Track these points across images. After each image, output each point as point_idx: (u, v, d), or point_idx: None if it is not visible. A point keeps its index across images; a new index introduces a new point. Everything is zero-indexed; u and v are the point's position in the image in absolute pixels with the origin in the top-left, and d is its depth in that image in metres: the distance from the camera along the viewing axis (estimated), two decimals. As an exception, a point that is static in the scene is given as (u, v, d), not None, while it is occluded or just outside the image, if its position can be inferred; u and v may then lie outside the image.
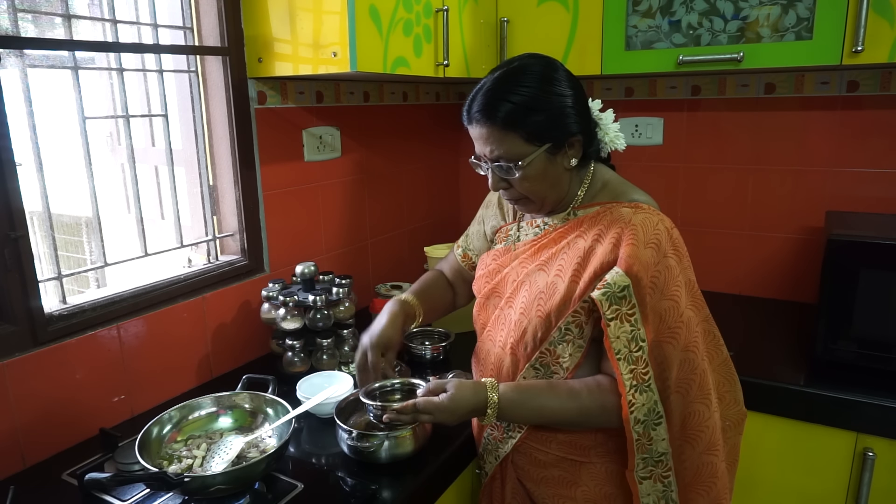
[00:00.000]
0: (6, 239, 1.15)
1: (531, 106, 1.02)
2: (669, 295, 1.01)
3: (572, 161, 1.09)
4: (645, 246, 1.01)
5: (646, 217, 1.04)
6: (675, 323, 1.01)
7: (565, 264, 1.08)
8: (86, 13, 1.40)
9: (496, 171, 1.09)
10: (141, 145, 1.66)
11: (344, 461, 1.20)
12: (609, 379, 1.05)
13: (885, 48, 1.47)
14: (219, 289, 1.54)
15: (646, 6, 1.70)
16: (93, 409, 1.30)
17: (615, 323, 1.01)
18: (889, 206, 1.84)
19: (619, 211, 1.06)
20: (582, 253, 1.06)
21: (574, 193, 1.14)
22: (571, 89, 1.06)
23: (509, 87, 1.03)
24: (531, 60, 1.07)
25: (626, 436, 1.03)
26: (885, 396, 1.39)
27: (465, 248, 1.39)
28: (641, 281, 1.00)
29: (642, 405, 1.01)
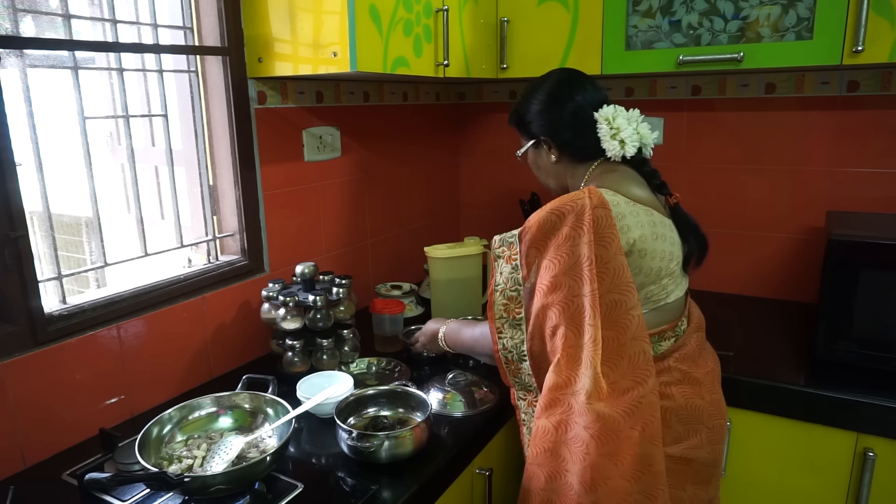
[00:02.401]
0: (6, 239, 1.15)
1: (514, 110, 1.39)
2: (551, 257, 1.15)
3: (552, 157, 1.34)
4: (549, 210, 1.16)
5: (573, 196, 1.16)
6: (547, 281, 1.14)
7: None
8: (86, 13, 1.40)
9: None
10: (141, 145, 1.67)
11: (344, 461, 1.20)
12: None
13: (886, 48, 1.47)
14: (219, 289, 1.54)
15: (646, 6, 1.70)
16: (93, 409, 1.30)
17: (500, 261, 1.23)
18: (889, 206, 1.84)
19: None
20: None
21: (576, 187, 1.32)
22: (548, 99, 1.30)
23: (520, 96, 1.38)
24: (546, 74, 1.36)
25: (495, 359, 1.25)
26: (885, 396, 1.39)
27: None
28: (528, 233, 1.17)
29: (510, 338, 1.22)
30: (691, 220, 1.28)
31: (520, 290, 1.20)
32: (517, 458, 1.62)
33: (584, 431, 1.09)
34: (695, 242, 1.27)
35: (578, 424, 1.10)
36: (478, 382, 1.46)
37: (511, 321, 1.21)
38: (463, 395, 1.41)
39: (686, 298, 1.29)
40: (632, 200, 1.18)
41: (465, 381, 1.44)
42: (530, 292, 1.18)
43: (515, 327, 1.21)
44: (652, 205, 1.21)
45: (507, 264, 1.22)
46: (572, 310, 1.12)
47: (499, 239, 1.24)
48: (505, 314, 1.22)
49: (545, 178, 1.40)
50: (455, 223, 2.56)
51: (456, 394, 1.41)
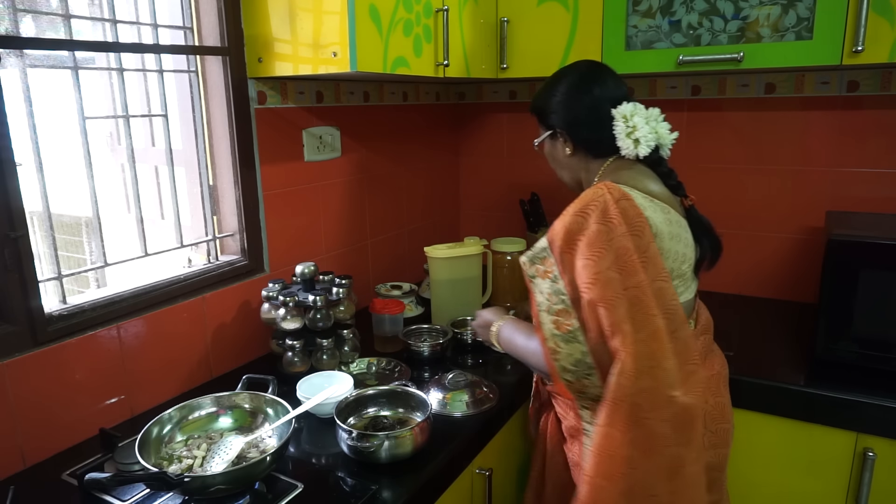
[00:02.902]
0: (6, 239, 1.15)
1: (534, 99, 1.36)
2: (589, 255, 1.08)
3: (566, 150, 1.31)
4: (573, 215, 1.12)
5: (592, 191, 1.14)
6: (589, 279, 1.07)
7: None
8: (86, 13, 1.40)
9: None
10: (141, 145, 1.66)
11: (344, 461, 1.20)
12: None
13: (885, 48, 1.47)
14: (219, 289, 1.54)
15: (646, 6, 1.70)
16: (93, 409, 1.30)
17: (537, 280, 1.16)
18: (889, 206, 1.84)
19: (584, 191, 1.17)
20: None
21: (590, 180, 1.30)
22: (568, 91, 1.29)
23: (539, 88, 1.37)
24: (570, 66, 1.35)
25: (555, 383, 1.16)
26: (885, 396, 1.39)
27: None
28: (556, 243, 1.12)
29: (569, 354, 1.11)
30: (706, 222, 1.26)
31: (565, 301, 1.12)
32: (517, 458, 1.62)
33: (663, 424, 1.06)
34: (708, 244, 1.25)
35: (654, 419, 1.06)
36: (478, 382, 1.46)
37: (564, 336, 1.12)
38: (463, 395, 1.41)
39: (695, 301, 1.28)
40: (648, 195, 1.16)
41: (465, 381, 1.44)
42: (576, 299, 1.10)
43: (570, 341, 1.11)
44: (668, 202, 1.20)
45: (545, 280, 1.15)
46: (627, 304, 1.06)
47: (528, 259, 1.18)
48: (557, 331, 1.12)
49: (559, 169, 1.38)
50: (455, 223, 2.56)
51: (456, 394, 1.41)
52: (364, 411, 1.33)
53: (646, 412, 1.05)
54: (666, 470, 1.07)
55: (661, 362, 1.06)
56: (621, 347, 1.05)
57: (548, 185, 2.31)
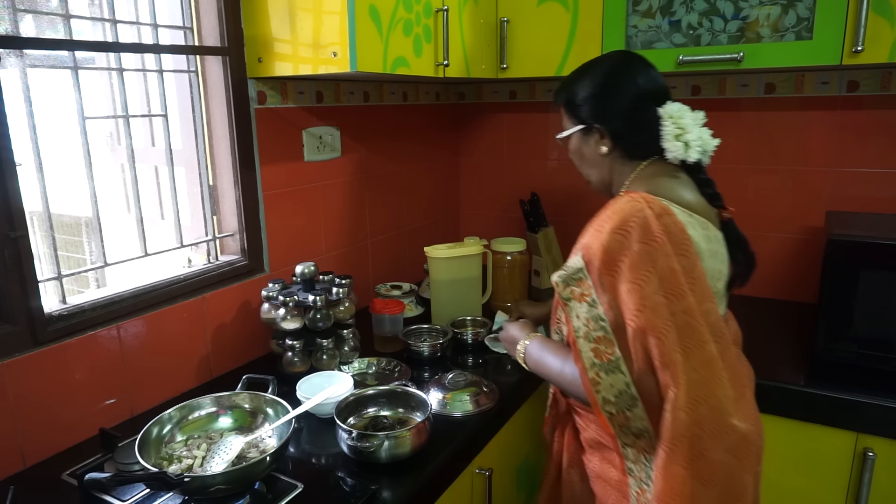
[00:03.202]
0: (6, 239, 1.15)
1: (566, 88, 1.23)
2: (633, 279, 1.00)
3: (602, 149, 1.19)
4: (611, 233, 1.02)
5: (629, 204, 1.04)
6: (635, 305, 0.99)
7: (576, 248, 1.11)
8: (86, 13, 1.40)
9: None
10: (141, 145, 1.67)
11: (344, 461, 1.20)
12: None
13: (885, 48, 1.47)
14: (219, 289, 1.54)
15: (646, 6, 1.70)
16: (93, 409, 1.30)
17: (572, 303, 1.06)
18: (889, 206, 1.84)
19: (618, 199, 1.09)
20: (583, 236, 1.11)
21: (621, 183, 1.20)
22: (611, 83, 1.17)
23: (570, 74, 1.24)
24: (604, 55, 1.24)
25: (596, 415, 1.06)
26: (885, 396, 1.39)
27: None
28: (594, 264, 1.03)
29: (611, 385, 1.02)
30: (742, 237, 1.18)
31: (605, 327, 1.02)
32: (517, 458, 1.62)
33: (726, 454, 1.01)
34: (744, 260, 1.18)
35: (717, 449, 1.00)
36: (478, 382, 1.46)
37: (606, 365, 1.02)
38: (463, 395, 1.41)
39: (724, 316, 1.22)
40: (687, 210, 1.08)
41: (465, 381, 1.44)
42: (618, 325, 1.02)
43: (612, 371, 1.02)
44: (706, 215, 1.11)
45: (582, 303, 1.05)
46: (676, 331, 0.99)
47: (561, 280, 1.08)
48: (597, 360, 1.03)
49: (587, 168, 1.26)
50: (455, 223, 2.56)
51: (456, 394, 1.41)
52: (364, 411, 1.33)
53: (707, 443, 1.00)
54: (727, 499, 1.03)
55: (716, 390, 1.01)
56: (672, 379, 0.98)
57: (548, 185, 2.31)
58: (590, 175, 1.26)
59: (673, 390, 0.98)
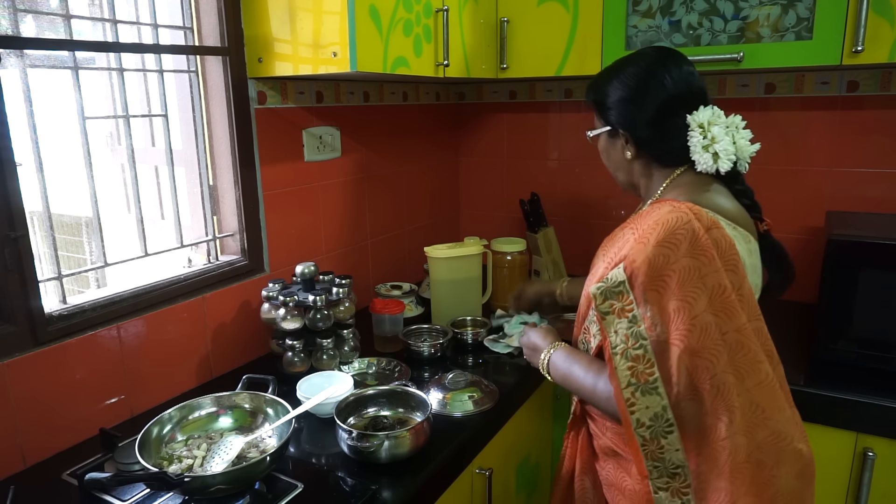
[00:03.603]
0: (6, 239, 1.15)
1: (594, 87, 1.20)
2: (682, 296, 0.95)
3: (627, 154, 1.17)
4: (656, 245, 0.97)
5: (675, 215, 0.99)
6: (685, 325, 0.94)
7: (611, 254, 1.07)
8: (86, 13, 1.40)
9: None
10: (141, 145, 1.67)
11: (344, 461, 1.20)
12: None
13: (885, 48, 1.47)
14: (219, 289, 1.54)
15: (646, 6, 1.70)
16: (93, 409, 1.30)
17: (611, 317, 1.01)
18: (889, 206, 1.84)
19: (661, 208, 1.03)
20: (623, 244, 1.05)
21: (655, 190, 1.16)
22: (640, 86, 1.12)
23: (603, 71, 1.21)
24: (640, 50, 1.19)
25: (628, 439, 1.00)
26: (885, 396, 1.39)
27: None
28: (638, 278, 0.97)
29: (646, 408, 0.97)
30: (780, 247, 1.15)
31: (646, 347, 0.97)
32: (517, 458, 1.62)
33: (790, 480, 0.98)
34: (780, 273, 1.15)
35: (781, 475, 0.98)
36: (478, 382, 1.46)
37: (643, 386, 0.97)
38: (463, 395, 1.41)
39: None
40: (732, 223, 1.04)
41: (465, 381, 1.44)
42: (659, 344, 0.96)
43: (650, 392, 0.97)
44: (747, 227, 1.08)
45: (622, 319, 0.99)
46: (729, 350, 0.94)
47: (600, 293, 1.01)
48: (633, 379, 0.97)
49: (613, 168, 1.24)
50: (455, 223, 2.56)
51: (456, 394, 1.41)
52: (364, 411, 1.33)
53: (772, 469, 0.96)
54: None
55: (775, 413, 0.97)
56: (726, 404, 0.94)
57: (548, 185, 2.31)
58: (617, 175, 1.24)
59: (727, 415, 0.94)
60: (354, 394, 1.32)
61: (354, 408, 1.31)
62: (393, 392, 1.34)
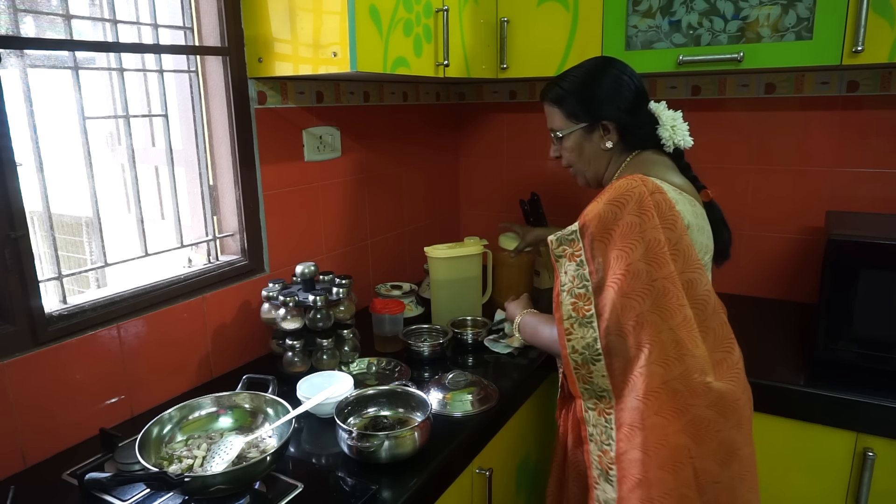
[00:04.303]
0: (6, 239, 1.15)
1: (571, 91, 1.31)
2: (621, 246, 1.12)
3: (607, 143, 1.30)
4: (607, 203, 1.14)
5: (626, 183, 1.15)
6: (621, 270, 1.11)
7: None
8: (86, 13, 1.40)
9: (554, 140, 1.38)
10: (141, 145, 1.67)
11: (344, 461, 1.20)
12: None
13: (885, 48, 1.47)
14: (219, 289, 1.54)
15: (646, 6, 1.70)
16: (93, 409, 1.30)
17: (562, 260, 1.20)
18: (889, 206, 1.84)
19: (616, 182, 1.19)
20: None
21: (613, 173, 1.32)
22: (613, 85, 1.29)
23: (563, 76, 1.35)
24: (593, 60, 1.35)
25: (563, 364, 1.19)
26: (885, 396, 1.39)
27: None
28: (588, 228, 1.15)
29: (581, 338, 1.16)
30: (720, 213, 1.30)
31: (587, 287, 1.16)
32: (517, 458, 1.62)
33: (707, 410, 1.10)
34: (722, 236, 1.29)
35: (698, 405, 1.10)
36: (478, 382, 1.46)
37: (581, 319, 1.16)
38: (463, 395, 1.41)
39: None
40: (677, 188, 1.20)
41: (465, 381, 1.44)
42: (598, 287, 1.14)
43: (586, 325, 1.16)
44: (692, 194, 1.24)
45: (571, 262, 1.18)
46: (655, 295, 1.09)
47: (556, 238, 1.21)
48: (574, 313, 1.17)
49: (583, 164, 1.36)
50: (455, 223, 2.56)
51: (456, 394, 1.41)
52: (364, 411, 1.33)
53: (688, 399, 1.09)
54: (722, 455, 1.11)
55: (692, 349, 1.10)
56: (647, 338, 1.09)
57: (548, 185, 2.31)
58: (585, 171, 1.37)
59: (648, 348, 1.09)
60: (354, 394, 1.32)
61: (354, 408, 1.31)
62: (393, 392, 1.34)
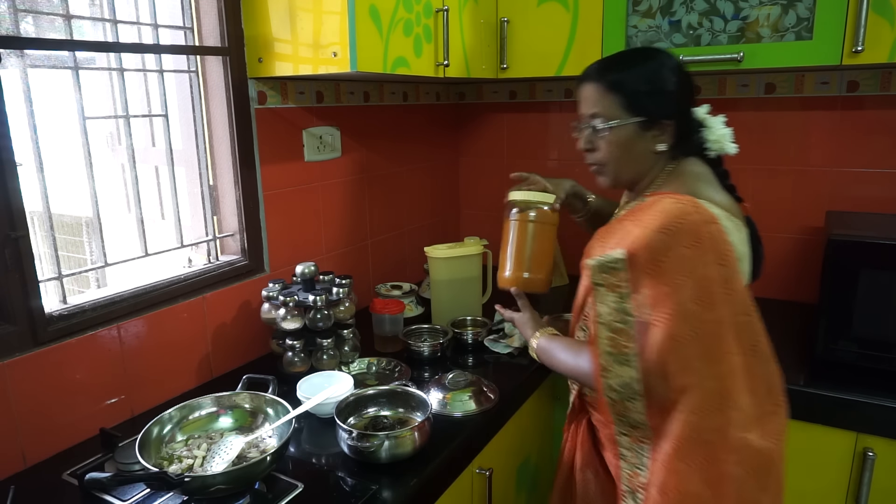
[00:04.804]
0: (7, 239, 1.15)
1: (637, 77, 1.14)
2: (670, 282, 1.00)
3: (659, 146, 1.16)
4: (657, 231, 1.01)
5: (678, 208, 1.03)
6: (670, 309, 1.00)
7: (613, 244, 1.10)
8: (86, 13, 1.40)
9: (588, 130, 1.20)
10: (141, 145, 1.66)
11: (344, 461, 1.20)
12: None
13: (885, 48, 1.47)
14: (219, 289, 1.54)
15: (646, 6, 1.70)
16: (93, 409, 1.30)
17: (602, 289, 1.07)
18: (889, 206, 1.84)
19: (663, 200, 1.07)
20: (624, 236, 1.08)
21: (651, 181, 1.19)
22: (678, 81, 1.15)
23: (625, 60, 1.19)
24: (652, 49, 1.21)
25: (598, 398, 1.09)
26: (885, 396, 1.39)
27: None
28: (637, 259, 1.02)
29: (618, 376, 1.05)
30: (755, 230, 1.21)
31: (629, 322, 1.03)
32: (517, 458, 1.62)
33: (737, 467, 1.02)
34: (761, 252, 1.20)
35: (728, 461, 1.01)
36: (478, 382, 1.46)
37: (619, 357, 1.04)
38: (463, 395, 1.41)
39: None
40: (727, 213, 1.10)
41: (465, 381, 1.44)
42: (642, 324, 1.02)
43: (624, 364, 1.04)
44: (737, 215, 1.13)
45: (612, 293, 1.05)
46: (703, 338, 0.99)
47: (597, 264, 1.07)
48: (612, 349, 1.05)
49: (623, 164, 1.18)
50: (455, 223, 2.56)
51: (456, 394, 1.41)
52: (364, 411, 1.33)
53: (719, 452, 1.01)
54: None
55: (736, 401, 1.01)
56: (689, 386, 1.00)
57: (548, 185, 2.31)
58: (622, 171, 1.20)
59: (689, 394, 1.00)
60: (354, 394, 1.32)
61: (354, 408, 1.31)
62: (393, 392, 1.34)
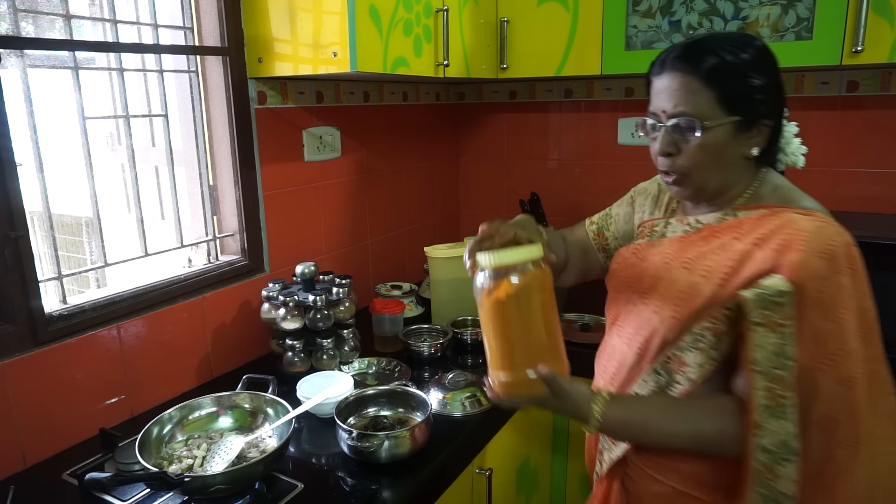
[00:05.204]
0: (6, 239, 1.15)
1: (740, 68, 0.93)
2: (834, 317, 0.86)
3: (754, 149, 0.97)
4: (816, 255, 0.87)
5: (822, 226, 0.90)
6: (835, 349, 0.86)
7: (715, 266, 0.94)
8: (86, 13, 1.40)
9: (672, 130, 0.96)
10: (141, 145, 1.66)
11: (344, 461, 1.20)
12: (735, 401, 0.92)
13: (885, 48, 1.47)
14: (219, 289, 1.54)
15: (646, 6, 1.70)
16: (93, 409, 1.30)
17: (762, 330, 0.87)
18: (889, 206, 1.84)
19: (788, 216, 0.93)
20: (738, 256, 0.92)
21: (738, 193, 1.00)
22: (778, 73, 0.98)
23: (722, 43, 0.94)
24: (743, 33, 1.02)
25: (745, 462, 0.89)
26: (885, 396, 1.39)
27: (602, 227, 1.23)
28: (806, 292, 0.86)
29: (773, 433, 0.87)
30: None
31: (788, 367, 0.86)
32: (517, 458, 1.62)
33: None
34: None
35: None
36: (478, 382, 1.46)
37: (776, 409, 0.87)
38: (463, 395, 1.41)
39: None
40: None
41: (465, 381, 1.44)
42: (807, 368, 0.87)
43: (780, 416, 0.87)
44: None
45: (772, 334, 0.87)
46: (867, 381, 0.87)
47: (757, 298, 0.87)
48: (769, 401, 0.87)
49: (712, 171, 0.97)
50: (455, 223, 2.56)
51: (456, 394, 1.41)
52: (364, 411, 1.33)
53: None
54: None
55: (891, 446, 0.91)
56: (855, 435, 0.87)
57: (548, 185, 2.31)
58: (709, 179, 0.98)
59: (852, 449, 0.87)
60: (354, 394, 1.32)
61: (354, 408, 1.31)
62: (393, 392, 1.34)
